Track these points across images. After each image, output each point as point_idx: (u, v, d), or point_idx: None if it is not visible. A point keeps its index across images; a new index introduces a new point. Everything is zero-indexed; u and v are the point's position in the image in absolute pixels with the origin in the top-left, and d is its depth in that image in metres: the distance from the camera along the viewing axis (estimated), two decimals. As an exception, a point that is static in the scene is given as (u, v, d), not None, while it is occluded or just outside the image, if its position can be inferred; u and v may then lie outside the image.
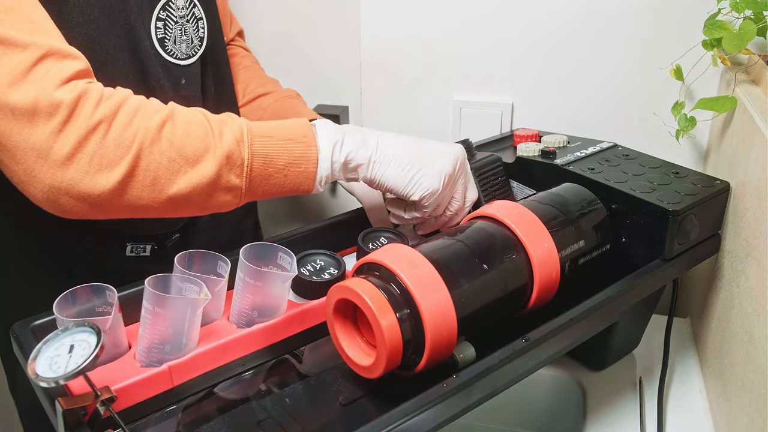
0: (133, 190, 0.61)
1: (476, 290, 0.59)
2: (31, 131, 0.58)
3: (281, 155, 0.66)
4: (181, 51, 0.81)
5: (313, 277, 0.67)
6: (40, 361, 0.48)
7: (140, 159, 0.60)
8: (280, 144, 0.66)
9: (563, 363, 0.83)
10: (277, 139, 0.67)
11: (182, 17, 0.80)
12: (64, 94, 0.58)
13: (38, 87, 0.58)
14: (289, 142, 0.67)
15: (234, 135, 0.65)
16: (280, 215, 1.33)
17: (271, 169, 0.66)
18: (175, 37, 0.80)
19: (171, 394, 0.58)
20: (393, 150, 0.69)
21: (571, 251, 0.66)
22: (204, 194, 0.64)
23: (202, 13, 0.84)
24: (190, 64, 0.83)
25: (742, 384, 0.64)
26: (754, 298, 0.63)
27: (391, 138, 0.71)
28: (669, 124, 0.89)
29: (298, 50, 1.17)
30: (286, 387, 0.61)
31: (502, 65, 0.99)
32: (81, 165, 0.59)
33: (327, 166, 0.68)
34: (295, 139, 0.67)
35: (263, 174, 0.66)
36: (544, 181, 0.78)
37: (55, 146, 0.58)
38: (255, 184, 0.66)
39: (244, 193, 0.66)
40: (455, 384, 0.53)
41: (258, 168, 0.65)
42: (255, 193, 0.67)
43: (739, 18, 0.78)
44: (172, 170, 0.62)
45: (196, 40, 0.83)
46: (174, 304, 0.56)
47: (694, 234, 0.72)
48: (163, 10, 0.78)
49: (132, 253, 0.83)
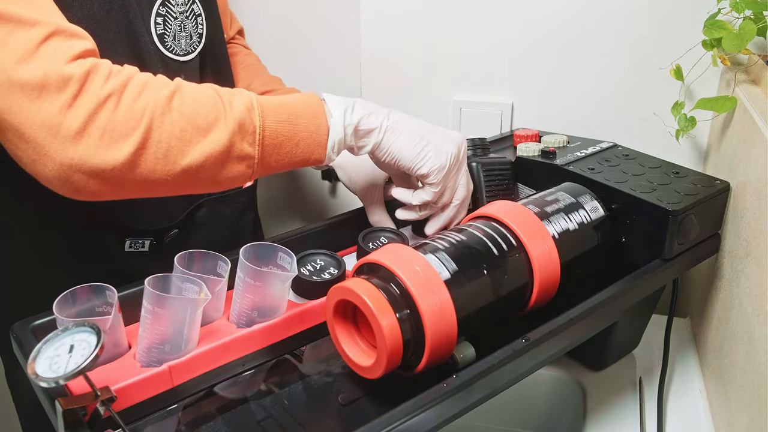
0: (146, 162, 0.60)
1: (476, 290, 0.59)
2: (41, 106, 0.57)
3: (292, 122, 0.66)
4: (180, 47, 0.82)
5: (313, 277, 0.67)
6: (40, 361, 0.48)
7: (152, 130, 0.60)
8: (290, 112, 0.66)
9: (563, 363, 0.83)
10: (286, 108, 0.66)
11: (181, 13, 0.81)
12: (74, 68, 0.58)
13: (48, 62, 0.57)
14: (300, 109, 0.67)
15: (244, 104, 0.64)
16: (281, 215, 1.33)
17: (283, 138, 0.66)
18: (174, 32, 0.80)
19: (171, 394, 0.58)
20: (403, 122, 0.70)
21: (571, 251, 0.66)
22: (217, 164, 0.63)
23: (201, 9, 0.84)
24: (189, 60, 0.83)
25: (742, 384, 0.64)
26: (754, 298, 0.63)
27: (399, 113, 0.71)
28: (669, 124, 0.89)
29: (298, 50, 1.17)
30: (286, 387, 0.61)
31: (502, 65, 0.99)
32: (92, 139, 0.58)
33: (339, 131, 0.67)
34: (305, 107, 0.67)
35: (275, 143, 0.65)
36: (544, 181, 0.78)
37: (65, 120, 0.57)
38: (267, 154, 0.66)
39: (257, 163, 0.65)
40: (455, 384, 0.53)
41: (270, 136, 0.65)
42: (267, 164, 0.66)
43: (739, 18, 0.78)
44: (184, 140, 0.61)
45: (195, 37, 0.84)
46: (174, 304, 0.56)
47: (694, 234, 0.72)
48: (163, 6, 0.79)
49: (131, 248, 0.83)
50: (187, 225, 0.88)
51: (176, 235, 0.87)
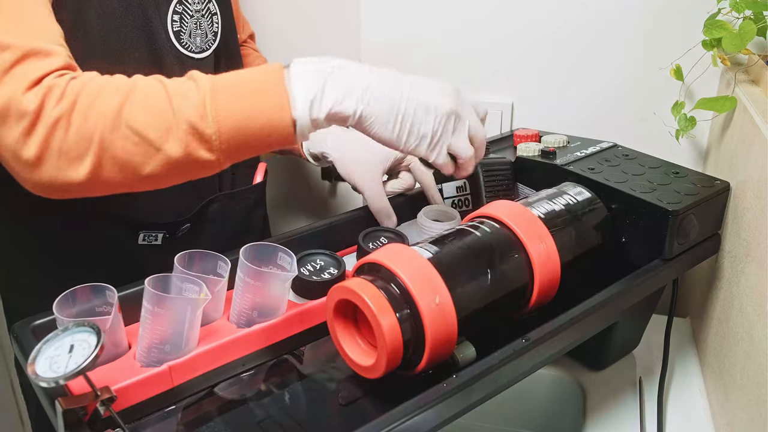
0: (107, 176, 0.61)
1: (476, 290, 0.59)
2: (6, 132, 0.60)
3: (253, 119, 0.62)
4: (196, 44, 0.84)
5: (313, 277, 0.67)
6: (40, 361, 0.48)
7: (104, 150, 0.60)
8: (250, 107, 0.62)
9: (563, 363, 0.83)
10: (245, 103, 0.62)
11: (197, 11, 0.83)
12: (31, 98, 0.59)
13: (10, 89, 0.59)
14: (261, 102, 0.62)
15: (196, 108, 0.61)
16: (280, 215, 1.33)
17: (243, 138, 0.62)
18: (190, 30, 0.83)
19: (171, 394, 0.58)
20: (379, 99, 0.63)
21: (571, 251, 0.66)
22: (179, 169, 0.63)
23: (217, 8, 0.87)
24: (204, 58, 0.86)
25: (742, 384, 0.64)
26: (754, 298, 0.63)
27: (382, 78, 0.64)
28: (669, 124, 0.89)
29: (298, 50, 1.17)
30: (286, 387, 0.61)
31: (502, 65, 0.99)
32: (51, 162, 0.60)
33: (306, 124, 0.62)
34: (267, 99, 0.62)
35: (235, 144, 0.63)
36: (544, 181, 0.78)
37: (24, 149, 0.59)
38: (230, 154, 0.63)
39: (221, 164, 0.64)
40: (455, 384, 0.53)
41: (228, 140, 0.62)
42: (234, 160, 0.64)
43: (739, 18, 0.78)
44: (139, 154, 0.61)
45: (210, 35, 0.86)
46: (174, 304, 0.56)
47: (694, 234, 0.72)
48: (180, 4, 0.82)
49: (144, 241, 0.85)
50: (199, 219, 0.89)
51: (188, 230, 0.88)
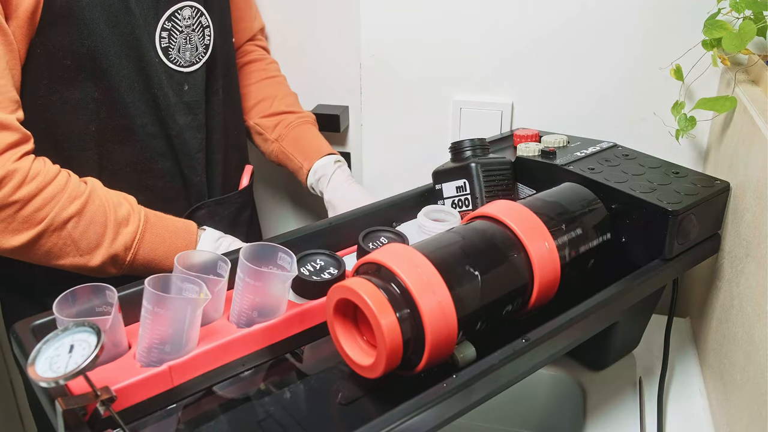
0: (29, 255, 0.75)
1: (476, 290, 0.59)
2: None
3: (165, 257, 0.80)
4: (185, 59, 0.84)
5: (313, 277, 0.67)
6: (40, 361, 0.48)
7: (41, 237, 0.73)
8: (165, 252, 0.80)
9: (563, 363, 0.83)
10: (163, 249, 0.80)
11: (188, 27, 0.84)
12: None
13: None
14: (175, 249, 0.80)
15: (125, 242, 0.78)
16: (280, 215, 1.33)
17: (149, 266, 0.80)
18: (179, 46, 0.84)
19: (171, 394, 0.58)
20: None
21: (571, 251, 0.66)
22: (82, 270, 0.77)
23: (209, 21, 0.86)
24: (194, 71, 0.85)
25: (742, 384, 0.64)
26: (754, 298, 0.63)
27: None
28: (669, 124, 0.89)
29: (298, 50, 1.17)
30: (286, 387, 0.61)
31: (502, 65, 0.99)
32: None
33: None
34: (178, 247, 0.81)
35: (141, 267, 0.80)
36: (544, 181, 0.78)
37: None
38: (129, 272, 0.80)
39: (117, 273, 0.80)
40: (455, 384, 0.53)
41: (138, 266, 0.80)
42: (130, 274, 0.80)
43: (739, 18, 0.78)
44: (64, 252, 0.75)
45: (201, 48, 0.86)
46: (174, 304, 0.56)
47: (694, 234, 0.72)
48: (169, 21, 0.82)
49: None
50: None
51: None
